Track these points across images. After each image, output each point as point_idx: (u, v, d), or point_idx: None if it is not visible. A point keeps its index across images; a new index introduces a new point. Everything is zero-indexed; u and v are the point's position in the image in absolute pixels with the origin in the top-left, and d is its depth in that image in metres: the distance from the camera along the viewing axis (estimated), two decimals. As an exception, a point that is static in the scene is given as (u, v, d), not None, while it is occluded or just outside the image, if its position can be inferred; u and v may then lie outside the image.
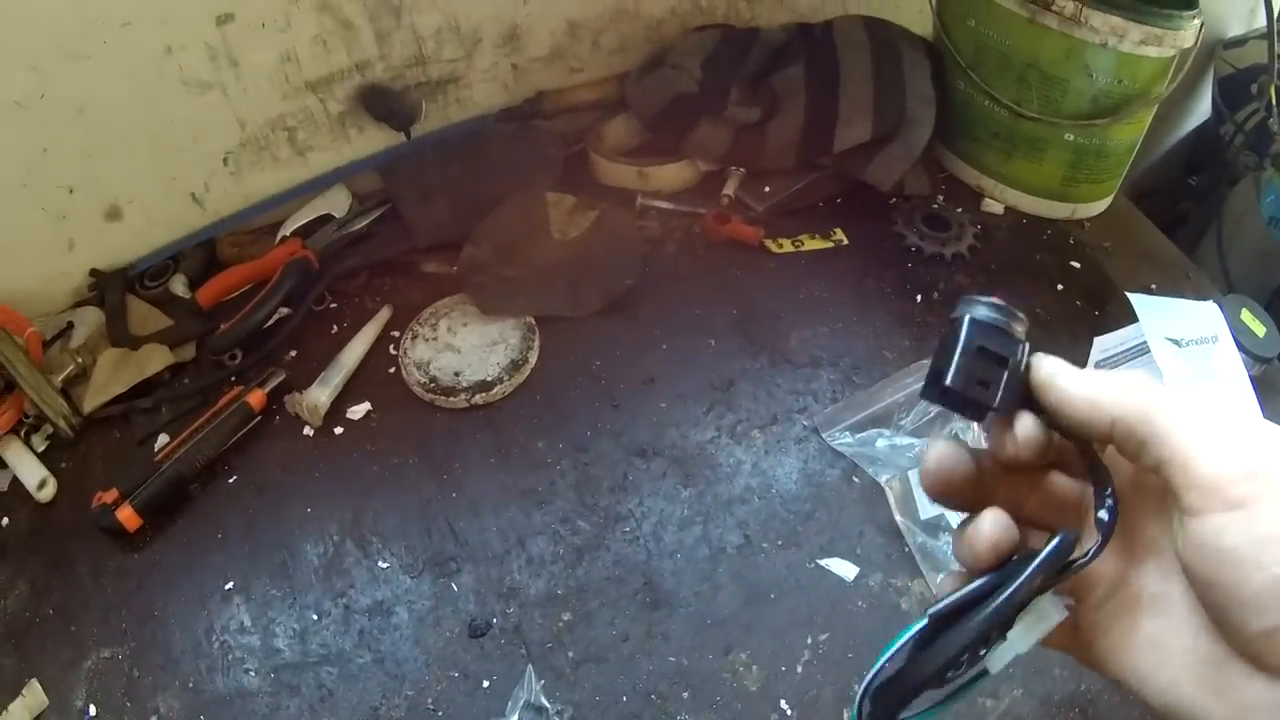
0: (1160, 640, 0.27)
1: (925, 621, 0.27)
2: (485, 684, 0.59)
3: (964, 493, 0.31)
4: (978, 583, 0.28)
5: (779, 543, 0.65)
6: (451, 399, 0.74)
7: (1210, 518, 0.23)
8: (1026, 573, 0.27)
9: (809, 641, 0.59)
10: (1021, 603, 0.27)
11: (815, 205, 0.89)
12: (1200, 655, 0.25)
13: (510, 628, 0.62)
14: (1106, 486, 0.28)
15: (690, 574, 0.64)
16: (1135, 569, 0.29)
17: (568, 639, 0.61)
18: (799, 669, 0.58)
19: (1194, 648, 0.26)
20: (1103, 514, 0.28)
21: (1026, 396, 0.29)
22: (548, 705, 0.58)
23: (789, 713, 0.56)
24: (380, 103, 0.85)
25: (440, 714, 0.58)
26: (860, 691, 0.28)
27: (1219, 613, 0.24)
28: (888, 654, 0.27)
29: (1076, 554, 0.28)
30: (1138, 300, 0.76)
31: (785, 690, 0.57)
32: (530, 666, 0.59)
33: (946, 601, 0.28)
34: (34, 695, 0.62)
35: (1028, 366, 0.29)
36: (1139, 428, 0.26)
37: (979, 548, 0.28)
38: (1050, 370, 0.29)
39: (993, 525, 0.28)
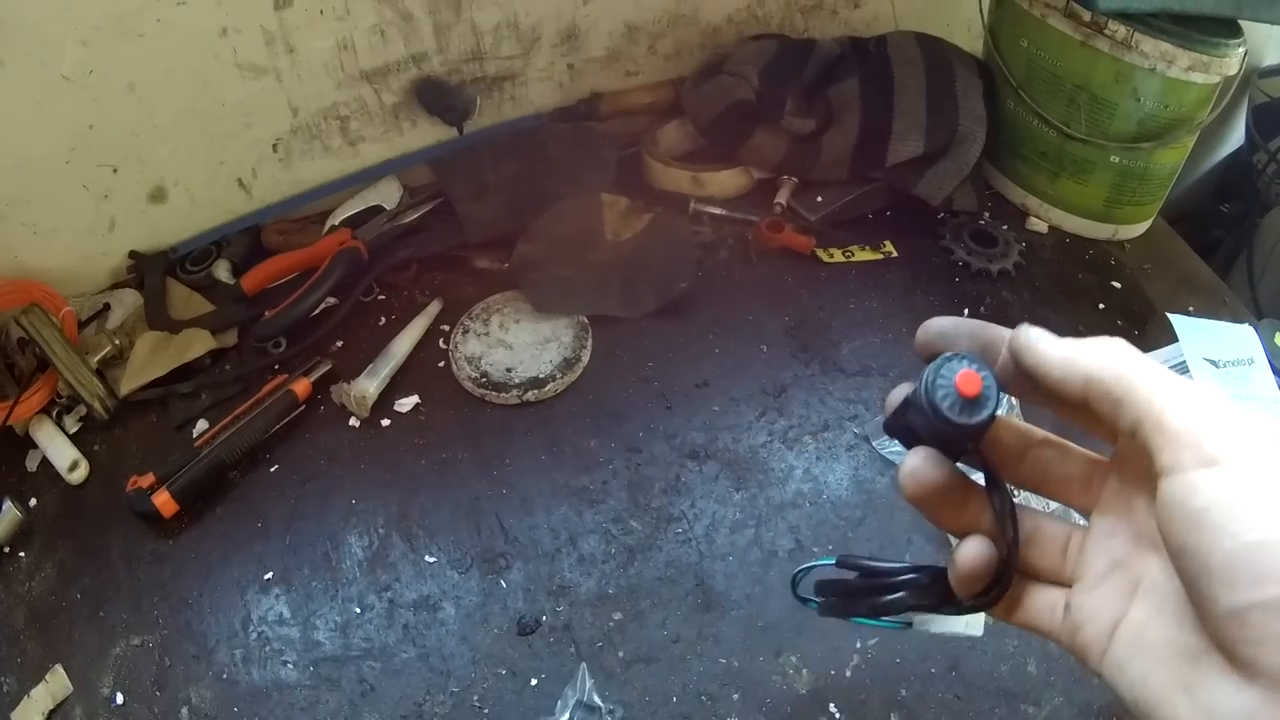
0: (1144, 629, 0.26)
1: (833, 560, 0.35)
2: (533, 682, 0.58)
3: (947, 502, 0.31)
4: (884, 564, 0.33)
5: (830, 548, 0.65)
6: (503, 395, 0.73)
7: (1183, 476, 0.22)
8: (898, 602, 0.32)
9: (858, 646, 0.59)
10: (896, 612, 0.33)
11: (865, 217, 0.89)
12: (1179, 648, 0.24)
13: (560, 626, 0.61)
14: (1006, 525, 0.29)
15: (742, 577, 0.63)
16: (1140, 555, 0.27)
17: (618, 639, 0.60)
18: (848, 673, 0.58)
19: (1175, 640, 0.24)
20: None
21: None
22: (600, 704, 0.57)
23: (838, 716, 0.56)
24: (435, 96, 0.84)
25: (487, 711, 0.57)
26: (802, 572, 0.36)
27: (1192, 586, 0.23)
28: (811, 564, 0.36)
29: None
30: (1178, 321, 0.77)
31: (835, 693, 0.57)
32: (584, 665, 0.58)
33: (853, 558, 0.34)
34: (58, 681, 0.60)
35: (1007, 344, 0.30)
36: (1113, 386, 0.25)
37: (961, 576, 0.29)
38: (1032, 336, 0.28)
39: (974, 555, 0.29)
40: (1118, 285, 0.85)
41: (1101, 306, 0.83)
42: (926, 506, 0.31)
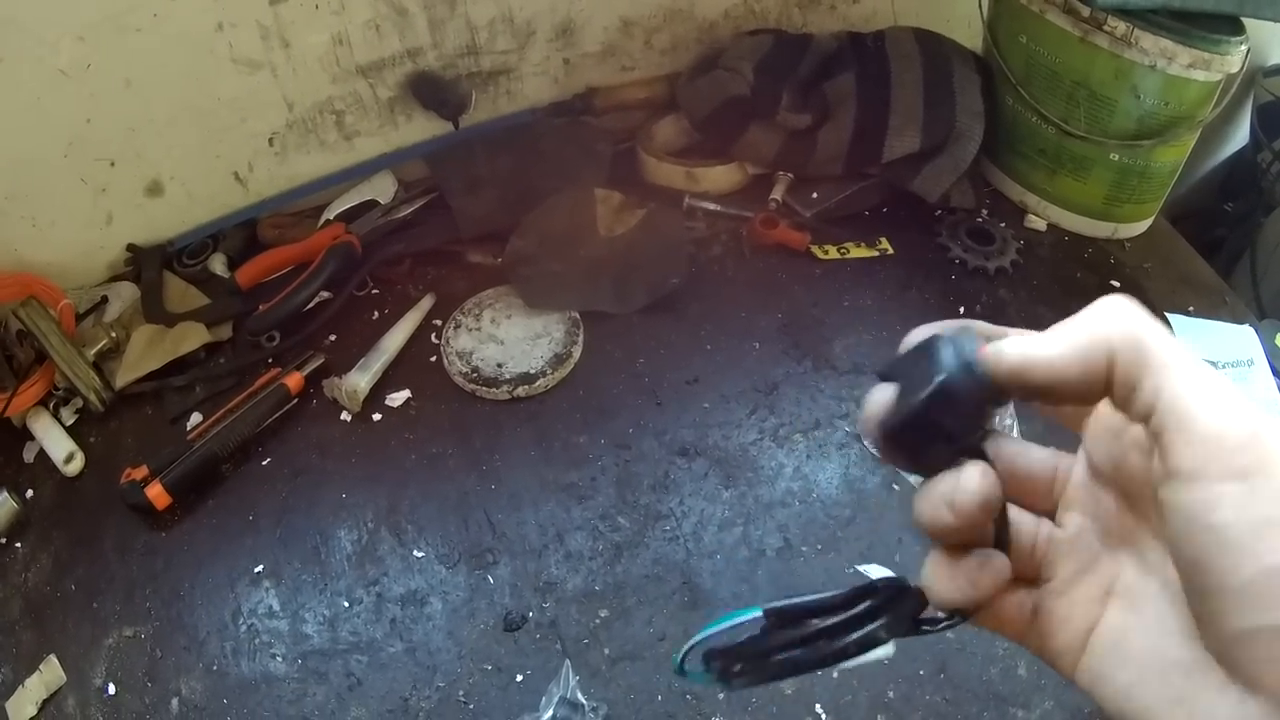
0: (1125, 636, 0.24)
1: (760, 612, 0.27)
2: (519, 678, 0.59)
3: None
4: (823, 596, 0.27)
5: (818, 547, 0.65)
6: (493, 390, 0.73)
7: (1206, 485, 0.20)
8: (863, 631, 0.26)
9: (846, 647, 0.59)
10: (852, 653, 0.26)
11: (861, 213, 0.88)
12: (1168, 659, 0.22)
13: (546, 622, 0.61)
14: (1005, 531, 0.26)
15: (729, 575, 0.63)
16: (1111, 555, 0.26)
17: (604, 636, 0.60)
18: (834, 673, 0.58)
19: (1161, 650, 0.23)
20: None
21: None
22: (584, 701, 0.57)
23: (824, 717, 0.56)
24: (430, 91, 0.85)
25: (472, 706, 0.57)
26: (690, 647, 0.28)
27: (1201, 602, 0.21)
28: (717, 627, 0.28)
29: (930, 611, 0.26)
30: (1177, 321, 0.77)
31: (821, 694, 0.57)
32: (568, 661, 0.58)
33: (784, 603, 0.27)
34: (51, 671, 0.61)
35: (986, 373, 0.24)
36: (1134, 365, 0.21)
37: (964, 506, 0.24)
38: (1020, 353, 0.23)
39: (983, 478, 0.24)
40: (1117, 284, 0.85)
41: (1100, 305, 0.83)
42: (970, 527, 0.25)
